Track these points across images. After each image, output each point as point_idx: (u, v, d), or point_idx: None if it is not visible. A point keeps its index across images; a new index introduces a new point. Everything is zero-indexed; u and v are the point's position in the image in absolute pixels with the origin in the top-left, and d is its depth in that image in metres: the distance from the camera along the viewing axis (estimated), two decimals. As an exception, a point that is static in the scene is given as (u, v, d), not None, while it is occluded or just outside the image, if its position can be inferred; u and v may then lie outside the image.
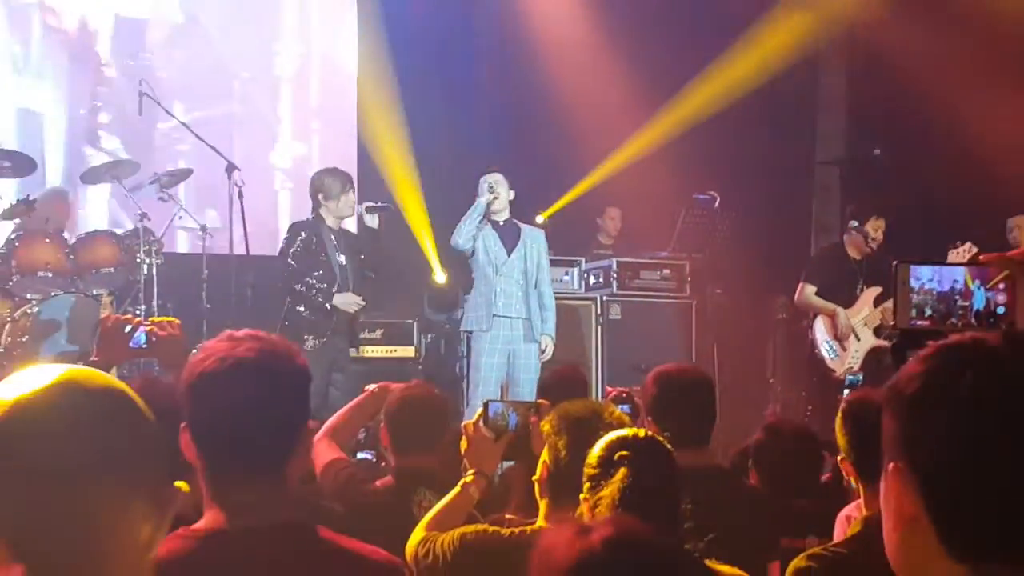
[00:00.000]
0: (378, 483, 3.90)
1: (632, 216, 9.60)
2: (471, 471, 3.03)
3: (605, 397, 6.15)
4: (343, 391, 6.23)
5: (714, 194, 9.26)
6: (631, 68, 9.70)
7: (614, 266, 8.49)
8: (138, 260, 7.45)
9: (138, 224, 7.54)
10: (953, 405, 1.04)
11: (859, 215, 7.02)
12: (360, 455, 4.70)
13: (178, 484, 1.21)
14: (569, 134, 9.70)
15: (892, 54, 9.35)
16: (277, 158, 8.54)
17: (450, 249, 7.35)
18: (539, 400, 3.31)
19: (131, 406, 1.19)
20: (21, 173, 7.73)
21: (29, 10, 8.53)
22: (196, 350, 2.15)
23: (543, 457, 2.78)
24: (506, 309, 6.98)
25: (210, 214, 8.51)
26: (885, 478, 1.09)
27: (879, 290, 7.00)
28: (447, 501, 3.00)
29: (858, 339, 6.93)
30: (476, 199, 7.05)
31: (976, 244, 6.73)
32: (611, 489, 2.33)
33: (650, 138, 9.59)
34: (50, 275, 7.39)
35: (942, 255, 6.63)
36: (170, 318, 2.93)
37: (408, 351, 8.77)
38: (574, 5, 10.00)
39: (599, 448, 2.42)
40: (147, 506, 1.17)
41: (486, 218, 7.04)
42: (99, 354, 2.86)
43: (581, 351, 7.93)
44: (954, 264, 2.20)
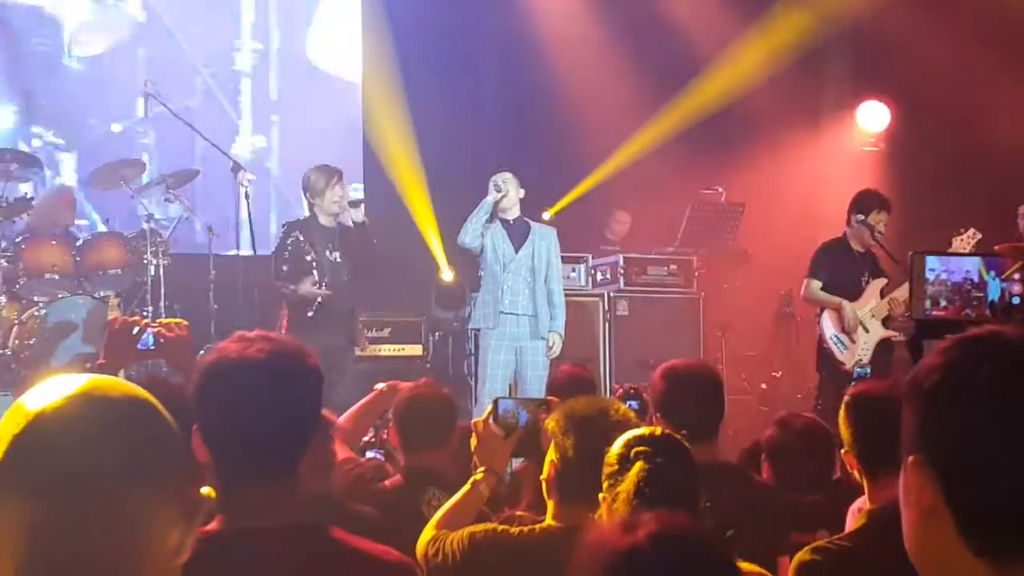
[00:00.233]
0: (387, 482, 3.90)
1: (639, 212, 9.59)
2: (481, 469, 3.02)
3: (613, 394, 6.14)
4: (348, 391, 6.12)
5: (720, 189, 9.26)
6: (636, 65, 9.69)
7: (621, 262, 8.48)
8: (145, 261, 7.45)
9: (145, 225, 7.55)
10: (972, 398, 1.04)
11: (863, 208, 7.01)
12: (369, 454, 4.70)
13: (205, 491, 1.21)
14: (575, 130, 9.70)
15: (897, 46, 9.33)
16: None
17: (457, 247, 7.32)
18: (549, 398, 3.30)
19: (154, 414, 1.19)
20: (28, 175, 7.74)
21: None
22: (204, 351, 2.15)
23: (550, 456, 2.77)
24: (512, 306, 6.96)
25: (216, 215, 8.53)
26: (904, 471, 1.09)
27: (885, 281, 6.99)
28: (457, 499, 2.99)
29: (866, 331, 6.91)
30: (484, 198, 7.03)
31: (982, 233, 6.71)
32: (627, 484, 2.32)
33: (656, 134, 9.57)
34: (57, 277, 7.39)
35: (946, 244, 6.62)
36: (178, 319, 2.92)
37: (416, 349, 8.77)
38: (578, 3, 9.99)
39: (618, 446, 2.41)
40: (175, 513, 1.17)
41: (495, 216, 7.02)
42: (107, 356, 2.85)
43: (588, 347, 7.93)
44: (968, 255, 2.18)
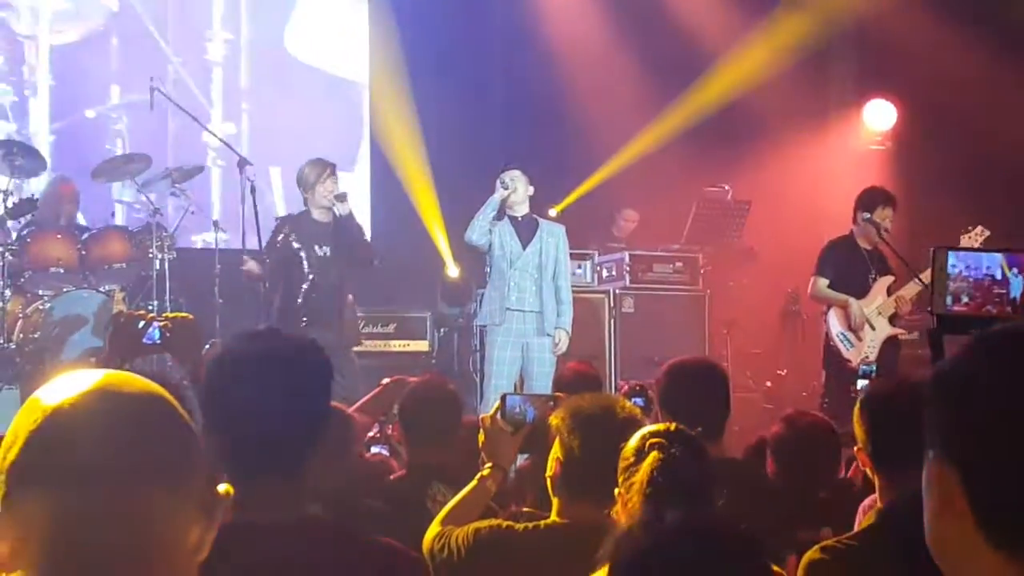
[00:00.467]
0: (392, 477, 3.90)
1: (645, 209, 9.58)
2: (488, 465, 3.01)
3: (618, 391, 6.13)
4: (342, 387, 5.99)
5: (726, 187, 9.24)
6: (642, 63, 9.68)
7: (627, 259, 8.47)
8: (150, 255, 7.45)
9: (150, 219, 7.54)
10: (996, 394, 1.04)
11: (868, 205, 6.99)
12: (374, 449, 4.70)
13: (223, 488, 1.20)
14: (581, 127, 9.69)
15: (903, 44, 9.30)
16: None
17: (463, 243, 7.30)
18: (556, 394, 3.29)
19: (170, 410, 1.18)
20: (33, 170, 7.74)
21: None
22: (210, 345, 2.15)
23: (555, 453, 2.76)
24: (519, 303, 6.95)
25: (221, 208, 8.55)
26: (927, 465, 1.09)
27: (892, 279, 6.98)
28: (463, 495, 2.98)
29: (873, 328, 6.90)
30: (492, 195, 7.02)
31: (989, 230, 6.70)
32: (641, 473, 2.32)
33: (662, 131, 9.56)
34: (62, 271, 7.39)
35: (954, 241, 6.60)
36: (183, 314, 2.92)
37: (421, 345, 8.77)
38: (585, 0, 9.98)
39: (634, 440, 2.41)
40: (194, 510, 1.16)
41: (503, 213, 7.01)
42: (112, 350, 2.85)
43: (594, 344, 7.92)
44: (990, 251, 2.15)
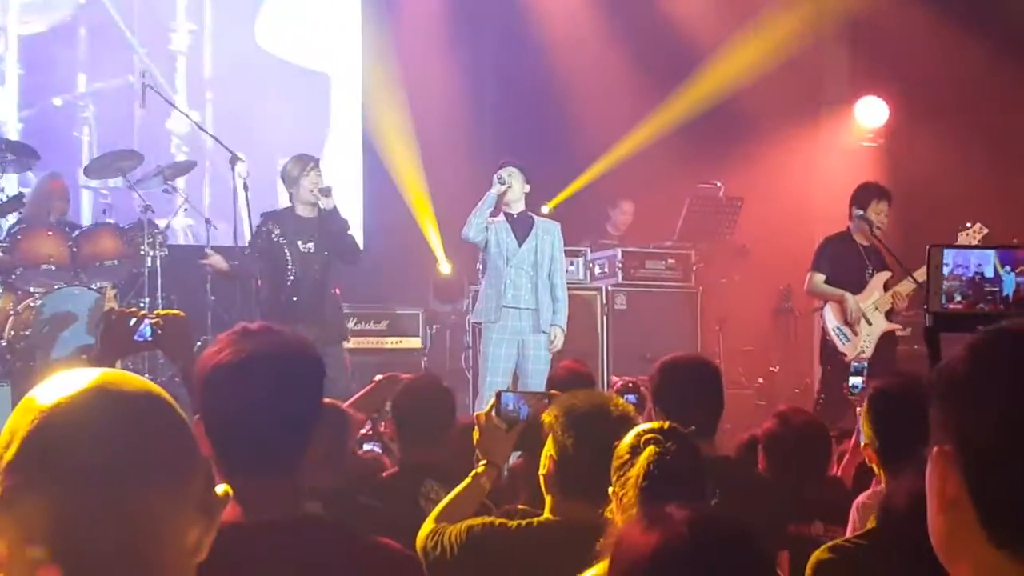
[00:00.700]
0: (385, 474, 3.90)
1: (637, 206, 9.58)
2: (483, 462, 3.01)
3: (611, 387, 6.13)
4: (337, 385, 5.95)
5: (719, 184, 9.24)
6: (634, 60, 9.68)
7: (619, 256, 8.47)
8: (142, 252, 7.43)
9: (142, 216, 7.52)
10: (999, 391, 1.04)
11: (861, 201, 6.99)
12: (366, 447, 4.69)
13: (221, 489, 1.19)
14: (573, 125, 9.68)
15: (895, 41, 9.32)
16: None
17: (455, 239, 7.30)
18: (551, 391, 3.28)
19: (168, 409, 1.17)
20: (25, 166, 7.72)
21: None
22: (202, 342, 2.14)
23: (548, 451, 2.76)
24: (515, 300, 6.96)
25: (212, 205, 8.54)
26: (931, 461, 1.09)
27: (888, 275, 6.98)
28: (457, 492, 2.98)
29: (869, 323, 6.91)
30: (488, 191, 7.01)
31: (986, 227, 6.70)
32: (637, 468, 2.32)
33: (655, 128, 9.56)
34: (53, 268, 7.36)
35: (950, 238, 6.61)
36: (175, 311, 2.91)
37: (413, 342, 8.76)
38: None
39: (629, 438, 2.41)
40: (192, 511, 1.15)
41: (499, 210, 7.00)
42: (104, 348, 2.84)
43: (587, 341, 7.92)
44: (982, 247, 2.14)
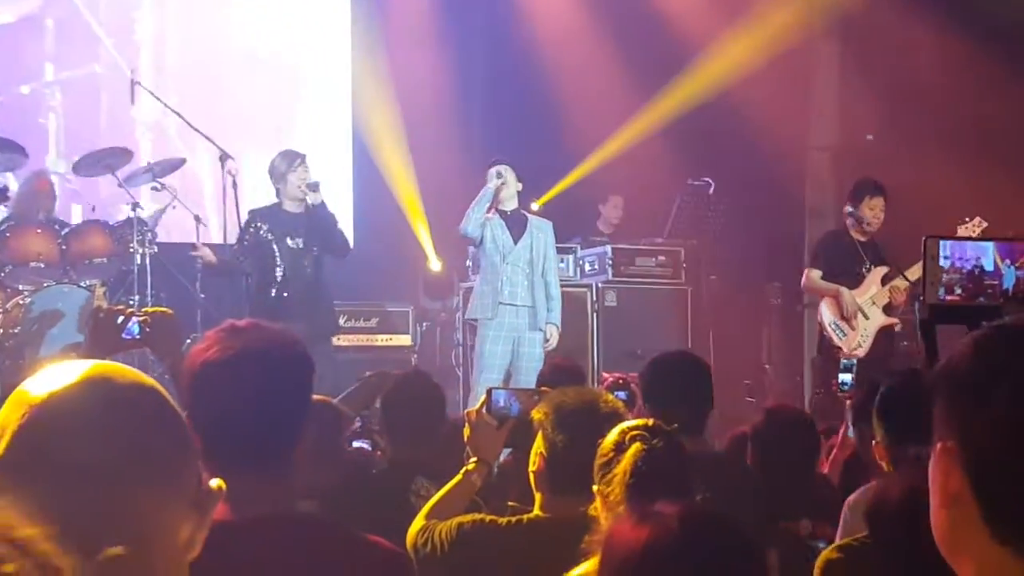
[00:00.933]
0: (374, 472, 3.90)
1: (627, 203, 9.59)
2: (473, 459, 3.01)
3: (602, 383, 6.14)
4: (328, 381, 5.93)
5: (708, 180, 9.25)
6: (625, 54, 9.67)
7: (609, 253, 8.47)
8: (131, 250, 7.41)
9: (131, 214, 7.51)
10: (1002, 388, 1.04)
11: (855, 197, 7.01)
12: (356, 444, 4.69)
13: (215, 483, 1.18)
14: (563, 122, 9.68)
15: (884, 39, 9.33)
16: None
17: (445, 237, 7.31)
18: (543, 388, 3.29)
19: (161, 402, 1.16)
20: (13, 164, 7.69)
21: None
22: (191, 339, 2.13)
23: (538, 448, 2.76)
24: (512, 297, 6.98)
25: (203, 203, 8.52)
26: (934, 456, 1.09)
27: (886, 269, 6.99)
28: (448, 489, 2.98)
29: (866, 318, 6.92)
30: (482, 187, 7.01)
31: (986, 221, 6.70)
32: (624, 464, 2.32)
33: (644, 125, 9.56)
34: (42, 266, 7.35)
35: (950, 232, 6.62)
36: (163, 308, 2.91)
37: (404, 339, 8.75)
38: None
39: (612, 436, 2.41)
40: (185, 505, 1.14)
41: (493, 206, 7.01)
42: (92, 345, 2.83)
43: (577, 338, 7.92)
44: (981, 239, 2.14)
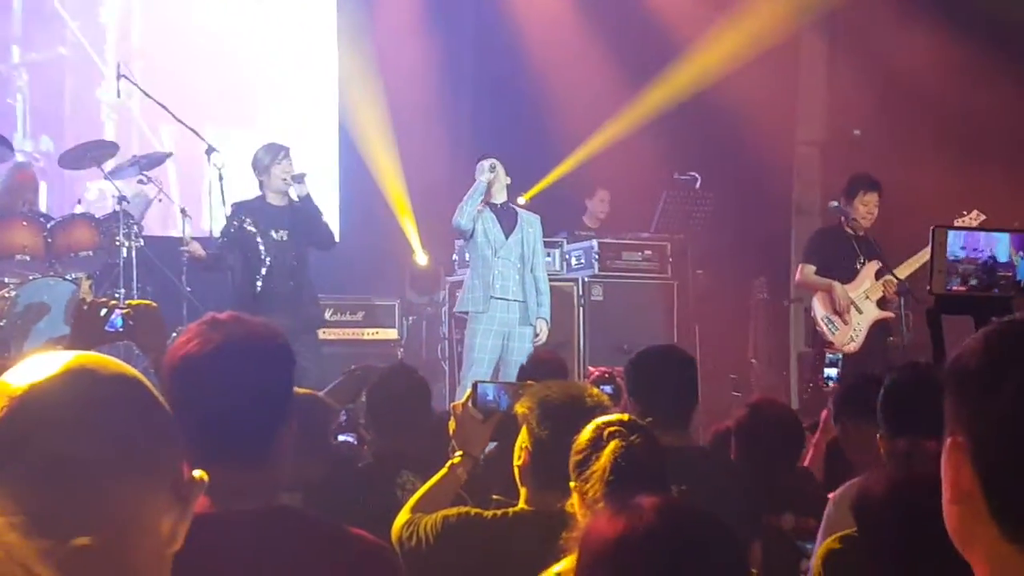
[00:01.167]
0: (360, 465, 3.90)
1: (614, 197, 9.60)
2: (459, 453, 3.01)
3: (588, 377, 6.15)
4: (313, 374, 5.94)
5: (695, 175, 9.26)
6: (612, 49, 9.68)
7: (595, 247, 8.47)
8: (117, 243, 7.39)
9: (117, 207, 7.49)
10: (1012, 383, 1.04)
11: (847, 192, 7.02)
12: (341, 437, 4.69)
13: (198, 474, 1.17)
14: (550, 116, 9.68)
15: (872, 34, 9.35)
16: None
17: (431, 230, 7.31)
18: (529, 382, 3.29)
19: (145, 393, 1.15)
20: (1, 157, 7.66)
21: None
22: (177, 333, 2.13)
23: (522, 442, 2.76)
24: (503, 291, 6.99)
25: (190, 196, 8.50)
26: (945, 451, 1.10)
27: (879, 264, 7.00)
28: (434, 483, 2.98)
29: (860, 312, 6.93)
30: (474, 180, 7.01)
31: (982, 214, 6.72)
32: (603, 461, 2.32)
33: (631, 119, 9.57)
34: (27, 259, 7.34)
35: (926, 235, 6.61)
36: (147, 301, 2.90)
37: (390, 333, 8.74)
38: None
39: (587, 432, 2.41)
40: (167, 497, 1.13)
41: (485, 200, 7.02)
42: (74, 338, 2.83)
43: (564, 332, 7.93)
44: (994, 231, 2.12)
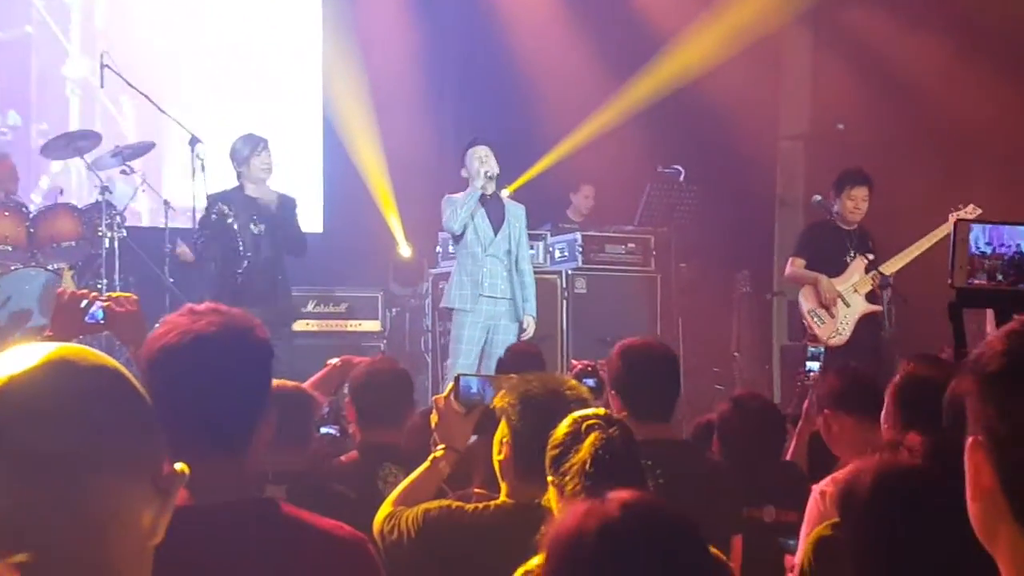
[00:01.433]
0: (343, 458, 3.89)
1: (598, 190, 9.60)
2: (441, 446, 3.00)
3: (571, 370, 6.16)
4: (290, 366, 5.93)
5: (679, 168, 9.27)
6: (597, 42, 9.68)
7: (579, 240, 8.47)
8: (100, 234, 7.37)
9: (99, 197, 7.46)
10: None
11: (837, 187, 7.03)
12: (324, 430, 4.68)
13: (179, 466, 1.16)
14: (534, 108, 9.68)
15: (856, 28, 9.37)
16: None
17: (415, 222, 7.30)
18: (512, 375, 3.28)
19: (125, 385, 1.14)
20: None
21: None
22: (158, 324, 2.12)
23: (503, 437, 2.76)
24: (492, 290, 6.98)
25: (172, 186, 8.47)
26: (967, 450, 1.10)
27: (870, 257, 7.01)
28: (416, 476, 2.97)
29: (847, 305, 6.95)
30: (463, 172, 6.96)
31: (943, 219, 6.75)
32: (582, 454, 2.31)
33: (616, 112, 9.57)
34: (9, 249, 7.31)
35: (941, 219, 6.67)
36: (128, 294, 2.89)
37: (373, 325, 8.72)
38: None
39: (564, 426, 2.41)
40: (148, 490, 1.12)
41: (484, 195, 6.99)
42: (54, 329, 2.81)
43: (547, 324, 7.93)
44: (1015, 224, 2.09)
